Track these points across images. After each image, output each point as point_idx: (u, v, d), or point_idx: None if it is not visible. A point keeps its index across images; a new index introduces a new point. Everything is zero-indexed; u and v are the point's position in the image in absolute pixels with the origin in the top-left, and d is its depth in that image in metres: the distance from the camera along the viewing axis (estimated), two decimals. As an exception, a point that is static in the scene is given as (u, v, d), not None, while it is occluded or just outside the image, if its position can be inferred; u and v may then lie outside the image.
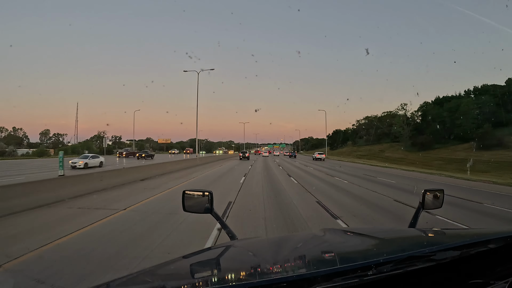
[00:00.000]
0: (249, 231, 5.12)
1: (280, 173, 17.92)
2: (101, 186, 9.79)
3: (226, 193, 9.38)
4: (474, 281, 0.83)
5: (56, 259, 3.75)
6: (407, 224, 1.56)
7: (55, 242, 4.39)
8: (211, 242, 4.37)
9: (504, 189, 12.63)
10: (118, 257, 3.80)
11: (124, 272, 0.94)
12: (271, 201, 8.14)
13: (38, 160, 35.22)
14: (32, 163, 28.26)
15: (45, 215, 6.22)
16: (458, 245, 0.85)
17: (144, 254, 3.88)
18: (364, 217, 6.51)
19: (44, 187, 7.77)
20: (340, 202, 8.33)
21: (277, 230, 5.23)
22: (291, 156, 56.93)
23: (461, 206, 8.09)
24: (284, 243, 1.31)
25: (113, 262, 3.62)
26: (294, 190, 10.45)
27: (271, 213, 6.60)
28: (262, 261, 1.00)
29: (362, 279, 0.70)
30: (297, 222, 5.87)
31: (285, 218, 6.14)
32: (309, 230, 5.29)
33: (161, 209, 6.78)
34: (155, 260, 3.60)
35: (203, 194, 1.53)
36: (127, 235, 4.84)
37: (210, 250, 1.18)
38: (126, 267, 3.39)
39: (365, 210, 7.35)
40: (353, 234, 1.37)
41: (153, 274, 0.96)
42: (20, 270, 3.46)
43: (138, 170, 14.15)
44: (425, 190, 1.55)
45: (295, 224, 5.67)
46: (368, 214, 6.89)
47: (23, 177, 14.24)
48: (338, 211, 6.89)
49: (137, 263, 3.52)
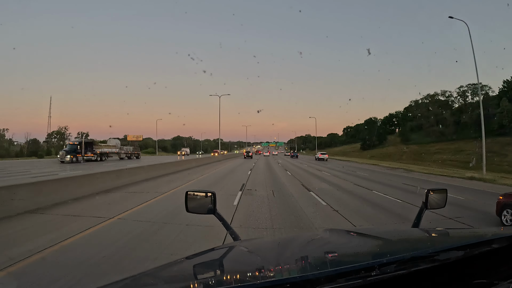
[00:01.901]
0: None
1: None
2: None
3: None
4: (478, 281, 0.83)
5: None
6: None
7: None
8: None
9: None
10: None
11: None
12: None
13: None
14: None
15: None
16: (461, 245, 0.85)
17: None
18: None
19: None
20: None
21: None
22: (293, 157, 52.03)
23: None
24: (287, 243, 1.31)
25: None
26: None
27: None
28: (265, 262, 1.00)
29: (365, 280, 0.70)
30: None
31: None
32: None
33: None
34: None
35: (206, 194, 1.52)
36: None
37: (214, 251, 1.18)
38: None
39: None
40: (356, 234, 1.37)
41: (156, 275, 0.97)
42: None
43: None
44: (428, 190, 1.54)
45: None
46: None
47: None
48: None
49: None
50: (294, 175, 16.72)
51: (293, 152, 60.06)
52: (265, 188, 11.03)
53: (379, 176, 17.80)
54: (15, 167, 22.90)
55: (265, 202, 7.99)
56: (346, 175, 17.82)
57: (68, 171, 18.62)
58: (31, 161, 34.07)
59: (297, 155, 57.37)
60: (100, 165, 25.60)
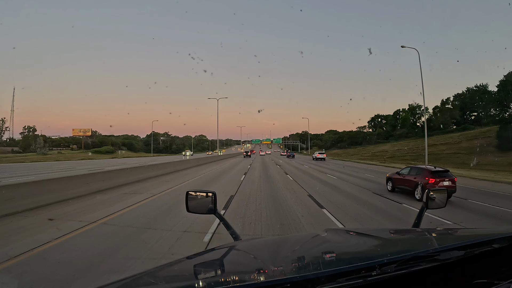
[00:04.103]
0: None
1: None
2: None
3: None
4: (478, 281, 0.83)
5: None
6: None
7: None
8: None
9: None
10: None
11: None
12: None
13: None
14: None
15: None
16: (462, 245, 0.85)
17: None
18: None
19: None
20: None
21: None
22: (289, 157, 48.31)
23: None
24: (287, 243, 1.31)
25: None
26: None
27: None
28: (266, 261, 1.01)
29: (366, 280, 0.70)
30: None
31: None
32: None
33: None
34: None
35: (207, 194, 1.52)
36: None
37: (214, 251, 1.18)
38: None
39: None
40: (357, 234, 1.37)
41: (157, 275, 0.96)
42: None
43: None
44: (428, 190, 1.54)
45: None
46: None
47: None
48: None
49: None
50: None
51: (289, 152, 55.87)
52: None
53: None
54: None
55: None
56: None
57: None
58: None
59: (294, 154, 52.85)
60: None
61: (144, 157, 60.09)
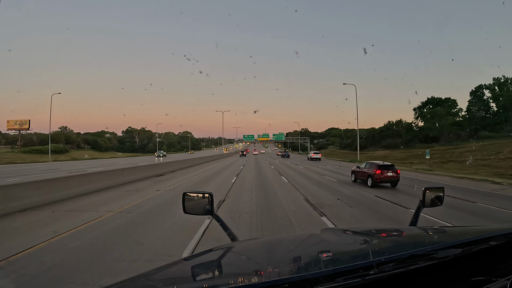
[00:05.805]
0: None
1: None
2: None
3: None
4: (476, 279, 0.83)
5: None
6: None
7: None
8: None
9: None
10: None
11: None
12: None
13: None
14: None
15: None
16: (459, 243, 0.85)
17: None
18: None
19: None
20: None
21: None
22: (284, 156, 48.72)
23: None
24: (285, 244, 1.30)
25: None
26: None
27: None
28: (264, 262, 1.00)
29: (364, 279, 0.70)
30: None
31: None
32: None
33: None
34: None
35: (203, 195, 1.51)
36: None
37: (212, 252, 1.17)
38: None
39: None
40: (353, 233, 1.36)
41: (154, 276, 0.96)
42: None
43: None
44: (425, 188, 1.54)
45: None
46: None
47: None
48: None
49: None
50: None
51: (284, 152, 56.28)
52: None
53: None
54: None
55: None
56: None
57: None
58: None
59: (289, 154, 53.61)
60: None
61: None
